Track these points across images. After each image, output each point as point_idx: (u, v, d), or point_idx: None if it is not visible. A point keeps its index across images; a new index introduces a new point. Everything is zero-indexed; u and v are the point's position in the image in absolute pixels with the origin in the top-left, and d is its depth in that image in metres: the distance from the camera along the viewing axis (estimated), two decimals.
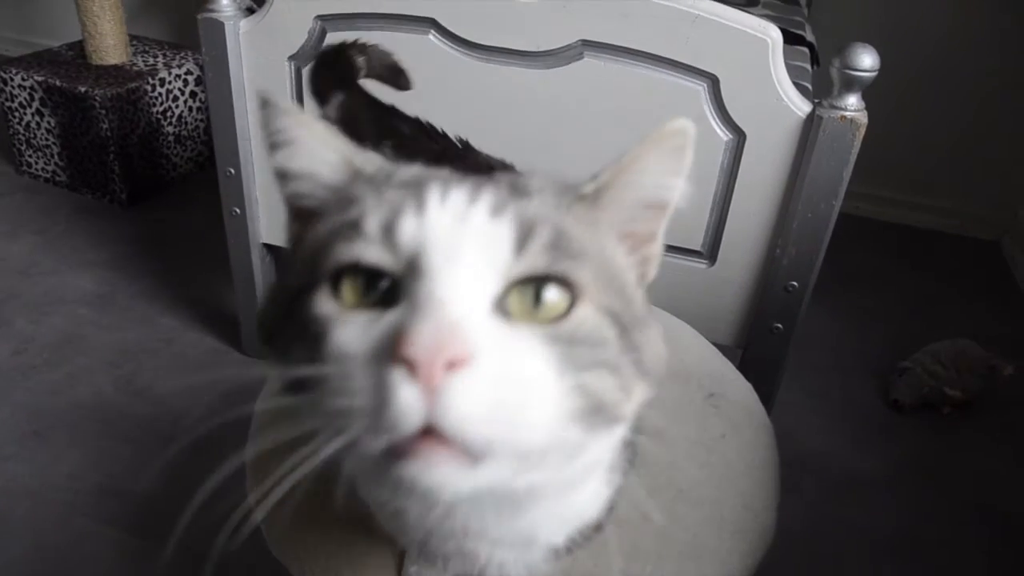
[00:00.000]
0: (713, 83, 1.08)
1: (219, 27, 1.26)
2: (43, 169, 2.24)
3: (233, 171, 1.38)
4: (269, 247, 1.50)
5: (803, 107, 1.07)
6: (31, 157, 2.23)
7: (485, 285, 0.40)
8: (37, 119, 2.14)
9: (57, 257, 1.94)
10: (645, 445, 0.58)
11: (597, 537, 0.61)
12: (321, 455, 0.38)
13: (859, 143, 1.05)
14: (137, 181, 2.17)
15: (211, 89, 1.32)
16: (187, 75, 2.23)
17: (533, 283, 0.41)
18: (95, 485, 1.34)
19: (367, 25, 1.19)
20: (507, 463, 0.39)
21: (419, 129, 0.95)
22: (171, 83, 2.18)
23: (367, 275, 0.41)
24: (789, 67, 1.08)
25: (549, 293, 0.41)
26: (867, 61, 1.02)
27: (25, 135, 2.20)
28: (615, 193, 0.47)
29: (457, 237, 0.40)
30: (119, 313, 1.76)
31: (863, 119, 1.04)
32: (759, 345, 1.22)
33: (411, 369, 0.36)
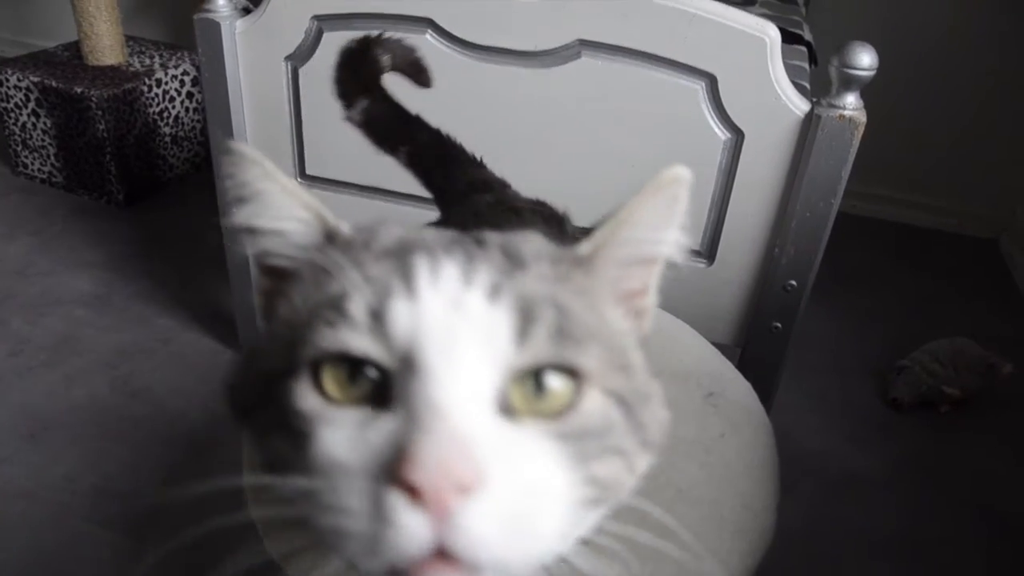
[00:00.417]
0: (711, 82, 1.08)
1: (215, 27, 1.25)
2: (39, 170, 2.23)
3: None
4: None
5: (801, 106, 1.07)
6: (27, 158, 2.23)
7: (486, 383, 0.37)
8: (33, 120, 2.14)
9: (54, 258, 1.94)
10: None
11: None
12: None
13: (858, 142, 1.05)
14: (134, 182, 2.16)
15: (207, 89, 1.32)
16: (184, 75, 2.22)
17: (534, 374, 0.38)
18: (91, 486, 1.33)
19: (364, 25, 1.19)
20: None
21: (438, 140, 0.95)
22: (167, 84, 2.18)
23: (351, 363, 0.38)
24: (787, 66, 1.08)
25: (552, 382, 0.38)
26: (866, 60, 1.02)
27: (21, 136, 2.19)
28: (611, 251, 0.44)
29: (453, 328, 0.37)
30: (116, 314, 1.76)
31: (862, 118, 1.04)
32: (758, 344, 1.21)
33: (414, 495, 0.33)
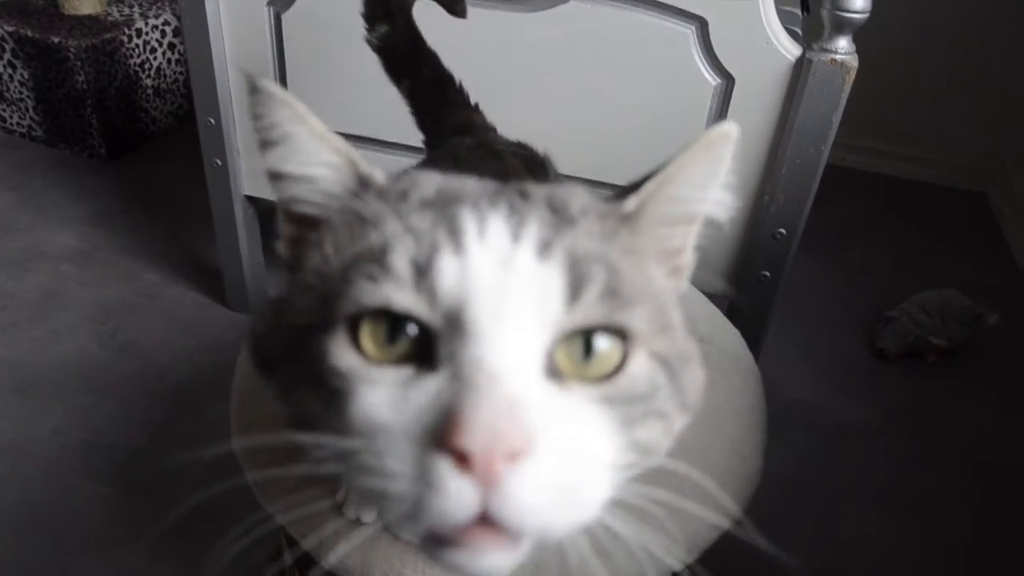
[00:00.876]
0: (702, 26, 1.06)
1: None
2: (18, 124, 2.19)
3: (213, 121, 1.35)
4: (252, 199, 1.47)
5: (793, 51, 1.05)
6: (5, 111, 2.18)
7: (536, 345, 0.36)
8: (10, 71, 2.09)
9: (35, 213, 1.91)
10: None
11: None
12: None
13: (849, 87, 1.04)
14: (116, 135, 2.13)
15: (188, 36, 1.28)
16: (164, 26, 2.17)
17: (583, 334, 0.37)
18: (80, 440, 1.33)
19: None
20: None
21: (440, 79, 0.93)
22: (148, 34, 2.13)
23: (391, 320, 0.37)
24: (779, 11, 1.06)
25: (601, 344, 0.37)
26: (858, 2, 1.00)
27: None
28: (656, 209, 0.43)
29: (503, 286, 0.36)
30: (101, 269, 1.74)
31: (853, 62, 1.03)
32: (747, 293, 1.21)
33: (463, 461, 0.32)
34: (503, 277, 0.36)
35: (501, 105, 0.91)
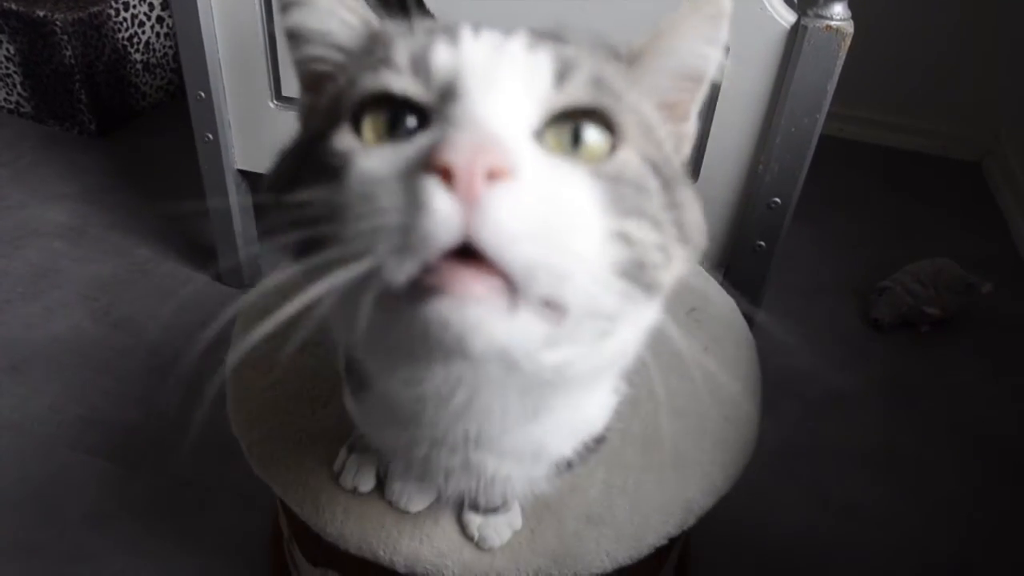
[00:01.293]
0: None
1: None
2: (5, 100, 2.16)
3: (204, 94, 1.34)
4: (244, 174, 1.46)
5: (788, 16, 1.04)
6: None
7: (524, 115, 0.37)
8: None
9: (25, 190, 1.89)
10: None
11: (600, 449, 0.61)
12: (338, 283, 0.34)
13: (844, 54, 1.03)
14: (106, 111, 2.11)
15: (176, 9, 1.27)
16: None
17: (571, 123, 0.38)
18: (76, 416, 1.33)
19: None
20: (543, 319, 0.36)
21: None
22: (136, 7, 2.10)
23: (392, 113, 0.39)
24: None
25: (589, 132, 0.39)
26: None
27: None
28: (651, 59, 0.44)
29: (494, 65, 0.38)
30: (93, 245, 1.73)
31: (849, 28, 1.02)
32: (741, 263, 1.21)
33: (447, 178, 0.33)
34: (494, 58, 0.38)
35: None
